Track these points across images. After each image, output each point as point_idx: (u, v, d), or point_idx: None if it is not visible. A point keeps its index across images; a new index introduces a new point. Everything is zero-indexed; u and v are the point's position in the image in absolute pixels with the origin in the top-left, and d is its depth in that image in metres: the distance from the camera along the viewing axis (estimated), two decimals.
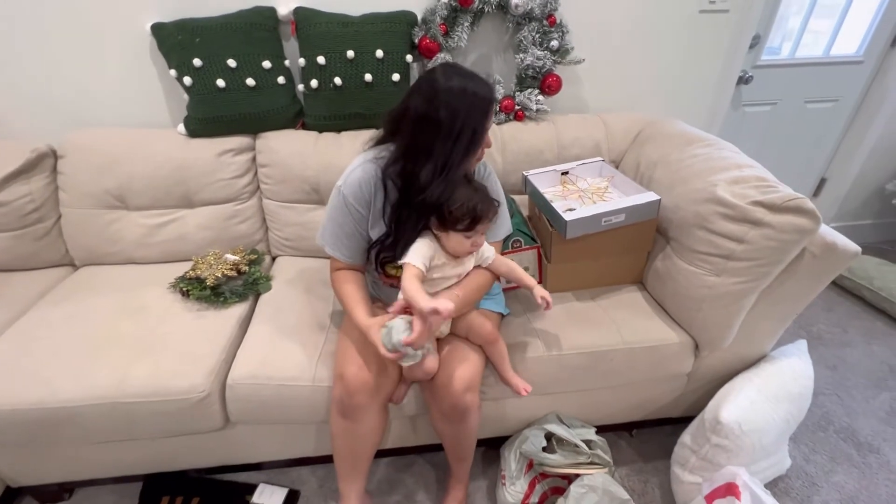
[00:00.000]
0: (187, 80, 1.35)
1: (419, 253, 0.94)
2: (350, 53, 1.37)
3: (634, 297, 1.31)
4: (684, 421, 1.30)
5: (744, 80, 1.88)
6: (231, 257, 1.36)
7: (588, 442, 1.21)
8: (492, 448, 1.37)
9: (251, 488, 1.28)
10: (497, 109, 1.53)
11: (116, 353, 1.10)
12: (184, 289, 1.27)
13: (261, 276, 1.36)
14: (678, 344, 1.19)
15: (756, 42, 1.81)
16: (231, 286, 1.29)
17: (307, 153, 1.42)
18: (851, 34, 1.95)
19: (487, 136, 0.97)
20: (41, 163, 1.39)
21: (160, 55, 1.38)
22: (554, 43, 1.48)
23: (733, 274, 1.07)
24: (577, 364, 1.17)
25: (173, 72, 1.36)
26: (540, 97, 1.54)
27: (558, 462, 1.16)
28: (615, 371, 1.19)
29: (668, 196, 1.23)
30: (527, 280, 1.06)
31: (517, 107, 1.55)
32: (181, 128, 1.43)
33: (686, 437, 1.24)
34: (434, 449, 1.35)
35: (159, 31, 1.34)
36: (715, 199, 1.10)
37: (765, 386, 1.18)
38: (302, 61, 1.41)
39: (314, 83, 1.41)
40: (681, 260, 1.19)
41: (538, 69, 1.51)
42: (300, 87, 1.47)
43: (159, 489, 1.26)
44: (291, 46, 1.45)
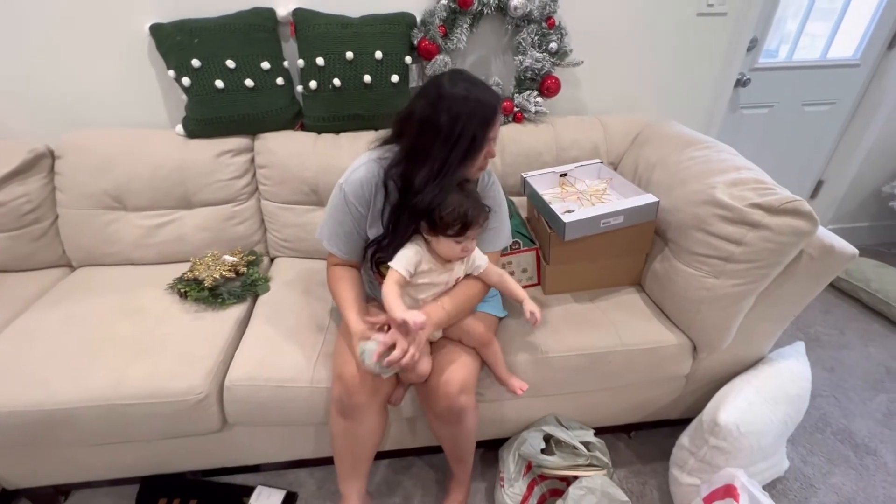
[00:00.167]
0: (186, 81, 1.35)
1: (404, 258, 0.95)
2: (349, 55, 1.37)
3: (633, 299, 1.32)
4: (683, 423, 1.30)
5: (741, 83, 1.88)
6: (229, 258, 1.35)
7: (586, 444, 1.21)
8: (490, 450, 1.37)
9: (249, 490, 1.27)
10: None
11: (114, 355, 1.10)
12: (182, 290, 1.27)
13: (259, 278, 1.35)
14: (676, 346, 1.19)
15: (753, 45, 1.82)
16: (229, 287, 1.29)
17: (306, 154, 1.42)
18: (848, 37, 1.96)
19: (490, 146, 0.96)
20: (38, 163, 1.38)
21: (158, 56, 1.38)
22: (553, 45, 1.49)
23: (731, 276, 1.07)
24: (576, 366, 1.17)
25: (172, 72, 1.36)
26: (539, 99, 1.55)
27: (557, 464, 1.16)
28: (614, 373, 1.20)
29: (667, 198, 1.24)
30: (517, 292, 1.05)
31: (516, 108, 1.55)
32: (179, 128, 1.43)
33: (684, 439, 1.24)
34: (433, 451, 1.35)
35: (158, 32, 1.34)
36: (713, 202, 1.10)
37: (763, 388, 1.19)
38: (301, 62, 1.41)
39: (313, 84, 1.41)
40: (679, 262, 1.19)
41: (537, 71, 1.51)
42: (299, 88, 1.47)
43: (156, 491, 1.25)
44: (290, 47, 1.45)
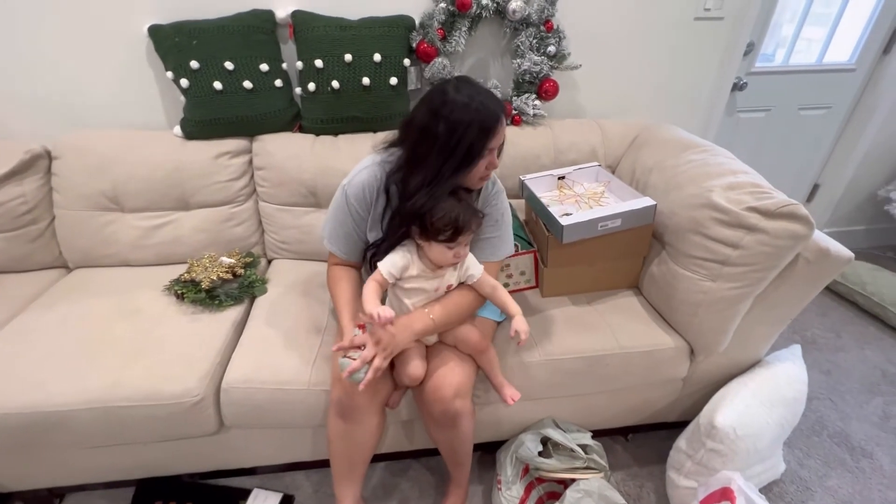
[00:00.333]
0: (184, 83, 1.35)
1: (390, 260, 0.96)
2: (348, 57, 1.37)
3: (630, 302, 1.32)
4: (680, 426, 1.30)
5: (738, 87, 1.89)
6: (227, 260, 1.35)
7: (584, 446, 1.21)
8: (487, 453, 1.37)
9: (245, 493, 1.27)
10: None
11: (110, 357, 1.09)
12: (178, 291, 1.26)
13: (256, 279, 1.35)
14: (674, 349, 1.19)
15: (750, 49, 1.83)
16: (226, 289, 1.28)
17: (304, 156, 1.42)
18: (844, 42, 1.97)
19: (492, 157, 0.94)
20: (35, 164, 1.38)
21: (157, 57, 1.38)
22: (551, 48, 1.49)
23: (728, 279, 1.08)
24: (574, 368, 1.17)
25: (170, 74, 1.36)
26: (537, 102, 1.55)
27: (554, 467, 1.16)
28: (611, 375, 1.20)
29: (664, 201, 1.24)
30: (510, 307, 1.01)
31: (514, 111, 1.56)
32: (177, 130, 1.43)
33: (681, 442, 1.24)
34: (430, 454, 1.35)
35: (156, 33, 1.34)
36: (710, 205, 1.11)
37: (759, 390, 1.19)
38: (299, 64, 1.41)
39: (312, 86, 1.41)
40: (676, 265, 1.19)
41: (535, 74, 1.51)
42: (297, 91, 1.47)
43: (152, 494, 1.24)
44: (289, 49, 1.45)
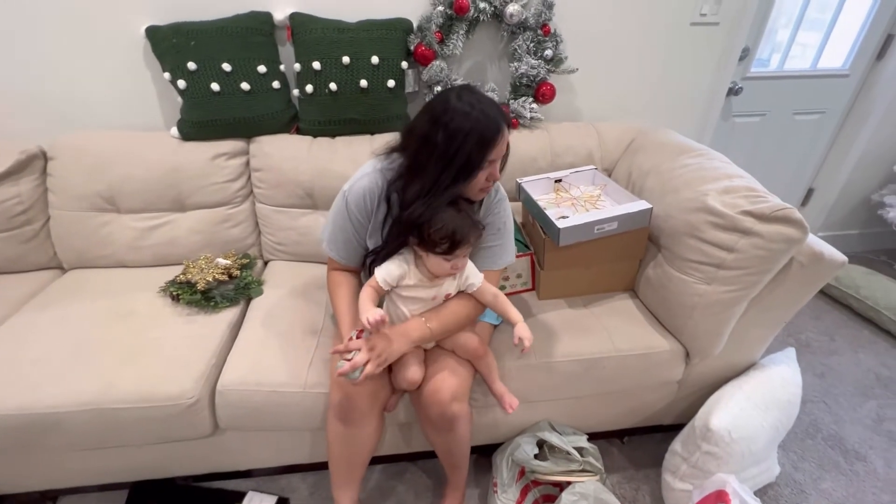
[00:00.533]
0: (181, 84, 1.34)
1: (386, 270, 0.96)
2: (346, 59, 1.37)
3: (626, 305, 1.32)
4: (675, 428, 1.30)
5: (734, 92, 1.91)
6: (223, 261, 1.35)
7: (580, 449, 1.21)
8: (484, 455, 1.36)
9: (240, 496, 1.26)
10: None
11: (104, 358, 1.09)
12: (174, 293, 1.26)
13: (252, 281, 1.35)
14: (669, 351, 1.20)
15: (745, 54, 1.85)
16: (222, 290, 1.28)
17: (301, 158, 1.42)
18: (838, 48, 1.99)
19: (493, 169, 0.92)
20: (31, 164, 1.37)
21: (154, 58, 1.38)
22: (548, 52, 1.50)
23: (723, 282, 1.09)
24: (570, 371, 1.17)
25: (167, 75, 1.36)
26: (534, 105, 1.56)
27: (550, 469, 1.16)
28: (607, 378, 1.20)
29: (660, 205, 1.25)
30: (512, 314, 1.01)
31: (511, 115, 1.56)
32: (174, 131, 1.43)
33: (677, 445, 1.24)
34: (427, 456, 1.35)
35: (154, 34, 1.34)
36: (705, 209, 1.11)
37: (754, 393, 1.19)
38: (297, 66, 1.41)
39: (309, 88, 1.41)
40: (672, 268, 1.20)
41: (532, 78, 1.52)
42: (295, 92, 1.47)
43: (146, 497, 1.24)
44: (287, 51, 1.45)
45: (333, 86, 1.39)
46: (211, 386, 1.08)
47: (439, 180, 0.88)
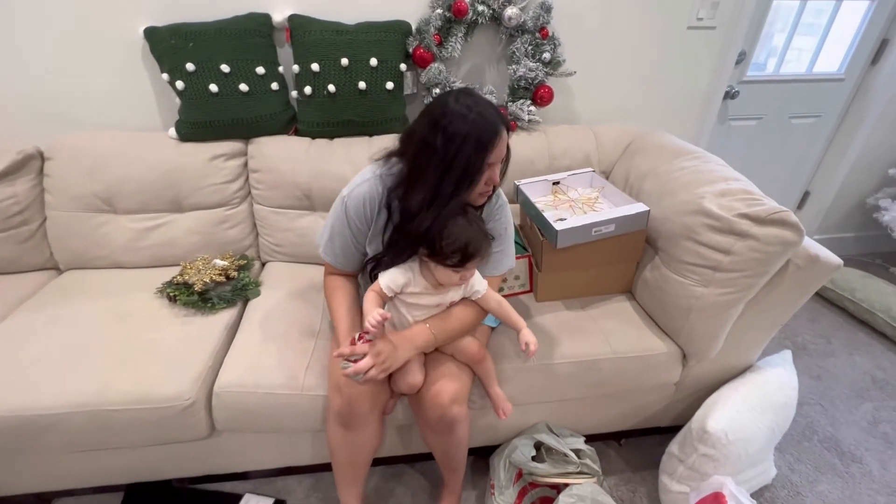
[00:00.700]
0: (180, 85, 1.34)
1: (391, 276, 0.95)
2: (344, 61, 1.37)
3: (624, 307, 1.33)
4: (672, 430, 1.30)
5: (730, 95, 1.92)
6: (220, 262, 1.34)
7: (577, 451, 1.21)
8: (481, 457, 1.36)
9: (236, 498, 1.26)
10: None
11: (100, 360, 1.08)
12: (171, 294, 1.26)
13: (250, 282, 1.34)
14: (666, 354, 1.20)
15: (742, 58, 1.86)
16: (219, 292, 1.28)
17: (299, 159, 1.42)
18: (833, 53, 2.01)
19: (493, 173, 0.91)
20: (27, 164, 1.37)
21: (153, 59, 1.38)
22: (546, 55, 1.51)
23: (720, 285, 1.09)
24: (567, 373, 1.17)
25: (166, 76, 1.35)
26: (532, 108, 1.56)
27: (547, 471, 1.16)
28: (604, 380, 1.20)
29: (657, 207, 1.25)
30: (516, 320, 1.02)
31: (509, 117, 1.57)
32: (172, 132, 1.42)
33: (674, 447, 1.24)
34: (424, 458, 1.34)
35: (152, 35, 1.34)
36: (702, 211, 1.12)
37: (751, 395, 1.20)
38: (296, 68, 1.41)
39: (308, 90, 1.41)
40: (669, 270, 1.20)
41: (530, 80, 1.53)
42: (293, 94, 1.48)
43: (141, 499, 1.23)
44: (285, 53, 1.45)
45: (332, 87, 1.39)
46: (208, 388, 1.08)
47: (441, 187, 0.86)
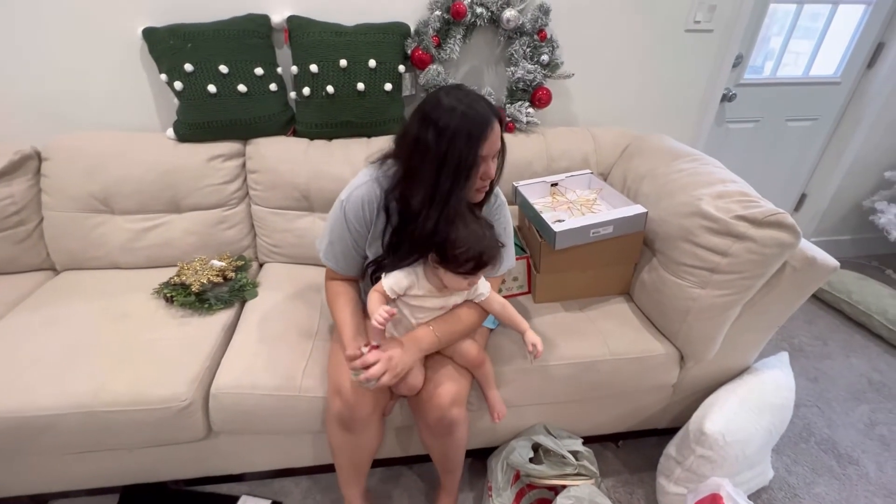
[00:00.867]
0: (178, 85, 1.34)
1: (394, 278, 0.94)
2: (343, 62, 1.38)
3: (621, 309, 1.33)
4: (670, 432, 1.30)
5: (727, 98, 1.93)
6: (217, 263, 1.34)
7: (575, 453, 1.21)
8: (478, 459, 1.36)
9: (233, 500, 1.25)
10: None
11: (97, 361, 1.08)
12: (168, 295, 1.25)
13: (247, 283, 1.34)
14: (664, 355, 1.20)
15: (739, 61, 1.87)
16: (216, 292, 1.27)
17: (298, 160, 1.42)
18: (829, 56, 2.02)
19: (487, 167, 0.89)
20: (24, 165, 1.36)
21: (151, 59, 1.38)
22: (544, 57, 1.51)
23: (717, 286, 1.09)
24: (565, 375, 1.17)
25: (164, 76, 1.35)
26: (530, 110, 1.57)
27: (545, 473, 1.16)
28: (602, 382, 1.20)
29: (655, 209, 1.26)
30: (519, 323, 1.02)
31: (508, 119, 1.57)
32: (170, 132, 1.42)
33: (671, 449, 1.25)
34: (422, 460, 1.34)
35: (151, 36, 1.34)
36: (700, 213, 1.12)
37: (748, 397, 1.20)
38: (294, 69, 1.41)
39: (306, 91, 1.41)
40: (667, 272, 1.20)
41: (529, 82, 1.53)
42: (292, 95, 1.48)
43: (137, 501, 1.22)
44: (284, 54, 1.45)
45: (330, 89, 1.40)
46: (205, 389, 1.07)
47: (438, 184, 0.85)
